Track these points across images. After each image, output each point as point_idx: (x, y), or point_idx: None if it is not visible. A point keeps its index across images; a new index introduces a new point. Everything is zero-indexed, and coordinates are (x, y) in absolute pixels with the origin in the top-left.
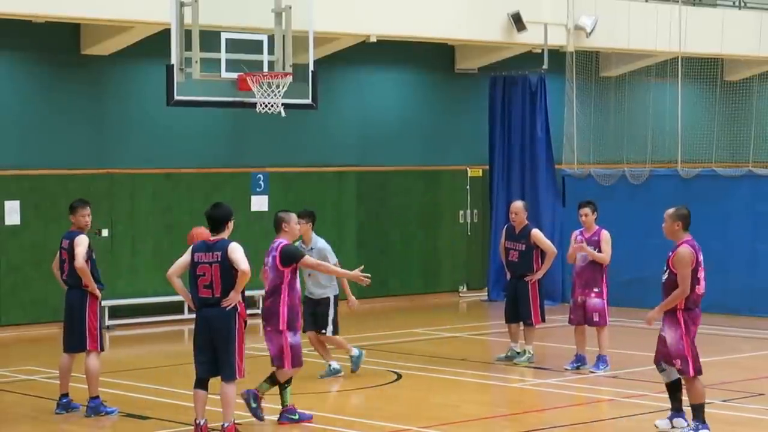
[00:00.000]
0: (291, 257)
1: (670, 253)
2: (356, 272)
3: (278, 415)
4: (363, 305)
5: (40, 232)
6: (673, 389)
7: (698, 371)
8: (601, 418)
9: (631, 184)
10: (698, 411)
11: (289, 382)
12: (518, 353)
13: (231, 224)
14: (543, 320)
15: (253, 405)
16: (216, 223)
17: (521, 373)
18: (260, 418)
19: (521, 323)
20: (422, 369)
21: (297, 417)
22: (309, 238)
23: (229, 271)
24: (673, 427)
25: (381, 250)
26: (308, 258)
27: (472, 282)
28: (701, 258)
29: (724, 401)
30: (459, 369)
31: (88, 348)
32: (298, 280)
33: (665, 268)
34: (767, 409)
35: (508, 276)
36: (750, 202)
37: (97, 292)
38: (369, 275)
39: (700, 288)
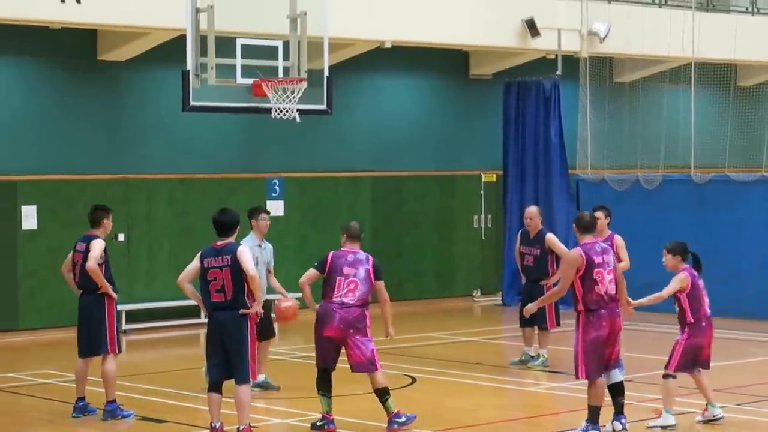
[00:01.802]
0: (379, 272)
1: None
2: (389, 329)
3: (387, 422)
4: (377, 309)
5: (56, 237)
6: (612, 392)
7: (587, 376)
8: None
9: (644, 189)
10: (591, 412)
11: (388, 392)
12: (532, 357)
13: (238, 229)
14: (558, 324)
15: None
16: (224, 228)
17: (536, 377)
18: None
19: (536, 327)
20: (437, 373)
21: (404, 419)
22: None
23: (239, 274)
24: (623, 428)
25: (396, 255)
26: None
27: (486, 286)
28: (600, 260)
29: (738, 405)
30: (474, 373)
31: (108, 350)
32: None
33: None
34: None
35: (523, 280)
36: (764, 207)
37: (111, 292)
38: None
39: (600, 288)
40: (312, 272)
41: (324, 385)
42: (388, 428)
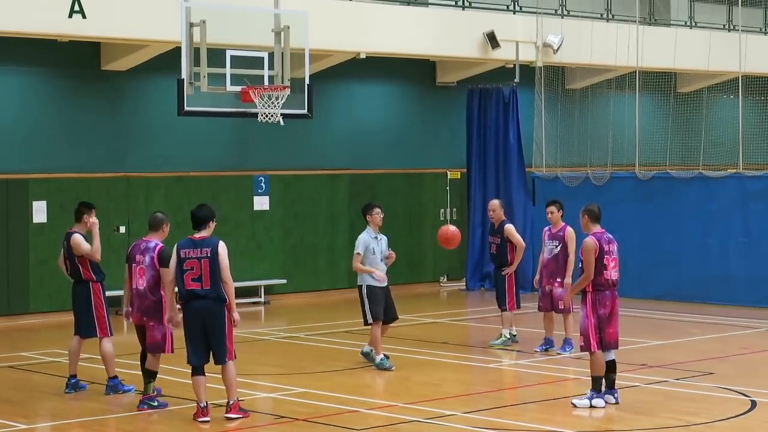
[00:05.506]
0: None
1: None
2: None
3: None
4: (354, 294)
5: (64, 230)
6: (606, 369)
7: (600, 347)
8: (567, 395)
9: (594, 185)
10: (595, 382)
11: (155, 375)
12: (508, 337)
13: (212, 224)
14: (518, 306)
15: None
16: (198, 222)
17: (496, 355)
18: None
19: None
20: (407, 351)
21: (157, 404)
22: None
23: (216, 266)
24: (615, 401)
25: None
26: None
27: (452, 273)
28: (608, 248)
29: (677, 380)
30: (440, 351)
31: (99, 335)
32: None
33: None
34: (716, 386)
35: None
36: (700, 202)
37: (92, 275)
38: None
39: (608, 273)
40: None
41: None
42: (138, 407)
